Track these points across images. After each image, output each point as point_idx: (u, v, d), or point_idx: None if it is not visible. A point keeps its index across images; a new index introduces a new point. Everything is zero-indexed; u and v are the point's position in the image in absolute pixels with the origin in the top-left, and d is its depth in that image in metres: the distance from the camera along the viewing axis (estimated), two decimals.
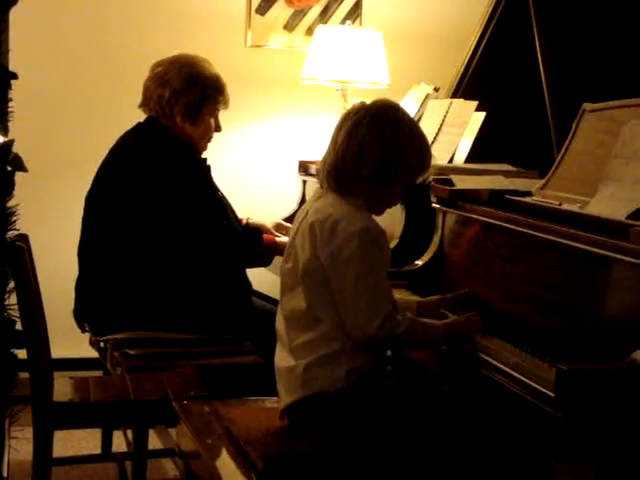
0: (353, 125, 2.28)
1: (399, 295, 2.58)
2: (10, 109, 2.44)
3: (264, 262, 3.32)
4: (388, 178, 2.29)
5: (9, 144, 2.36)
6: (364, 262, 2.20)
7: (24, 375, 2.60)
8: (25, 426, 2.59)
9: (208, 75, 3.27)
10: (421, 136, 2.36)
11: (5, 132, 2.43)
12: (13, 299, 2.55)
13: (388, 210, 2.44)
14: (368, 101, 2.37)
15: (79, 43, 4.29)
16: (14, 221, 2.41)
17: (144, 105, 3.31)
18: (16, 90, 2.49)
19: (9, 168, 2.35)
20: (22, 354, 2.58)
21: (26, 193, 2.49)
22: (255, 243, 3.24)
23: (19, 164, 2.37)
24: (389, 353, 2.51)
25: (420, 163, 2.34)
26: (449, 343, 2.34)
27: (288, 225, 3.53)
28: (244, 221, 3.54)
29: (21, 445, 2.73)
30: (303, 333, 2.29)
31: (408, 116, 2.39)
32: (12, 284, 2.54)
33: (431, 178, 2.81)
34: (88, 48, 4.30)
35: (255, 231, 3.37)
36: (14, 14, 2.49)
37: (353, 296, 2.21)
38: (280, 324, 2.38)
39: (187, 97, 3.23)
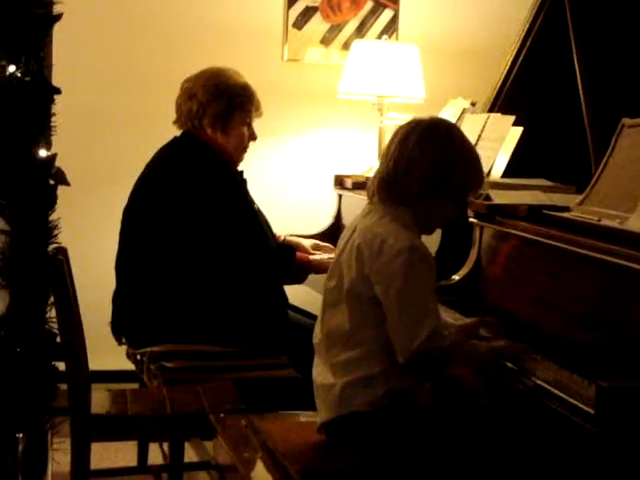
0: (405, 135, 2.31)
1: None
2: (53, 123, 2.46)
3: (297, 279, 3.32)
4: (437, 191, 2.30)
5: (52, 158, 2.38)
6: (410, 277, 2.19)
7: (63, 387, 2.62)
8: (66, 437, 2.60)
9: (234, 84, 3.29)
10: (471, 153, 2.36)
11: (48, 146, 2.45)
12: (52, 312, 2.57)
13: None
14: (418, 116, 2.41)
15: (119, 59, 4.35)
16: (56, 235, 2.43)
17: (177, 121, 3.34)
18: (58, 104, 2.52)
19: (52, 182, 2.37)
20: (60, 366, 2.60)
21: (64, 206, 2.51)
22: (288, 260, 3.25)
23: (62, 178, 2.39)
24: None
25: (469, 179, 2.35)
26: (493, 365, 2.31)
27: (325, 245, 3.54)
28: (281, 238, 3.55)
29: (60, 457, 2.74)
30: (344, 352, 2.27)
31: (460, 132, 2.41)
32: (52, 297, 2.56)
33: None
34: (127, 64, 4.36)
35: (289, 248, 3.38)
36: (57, 30, 2.52)
37: (399, 310, 2.19)
38: (319, 339, 2.37)
39: (214, 108, 3.25)
